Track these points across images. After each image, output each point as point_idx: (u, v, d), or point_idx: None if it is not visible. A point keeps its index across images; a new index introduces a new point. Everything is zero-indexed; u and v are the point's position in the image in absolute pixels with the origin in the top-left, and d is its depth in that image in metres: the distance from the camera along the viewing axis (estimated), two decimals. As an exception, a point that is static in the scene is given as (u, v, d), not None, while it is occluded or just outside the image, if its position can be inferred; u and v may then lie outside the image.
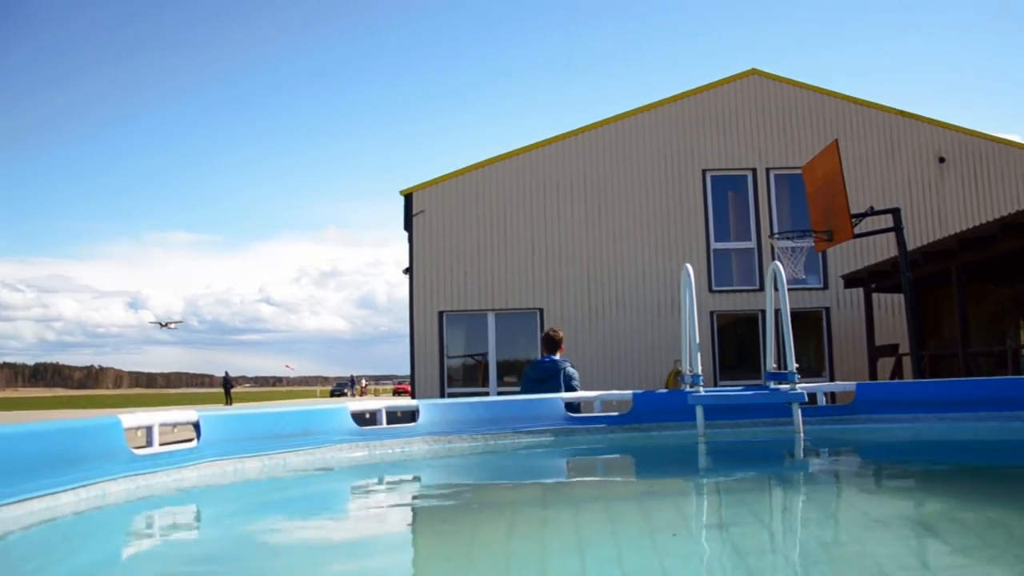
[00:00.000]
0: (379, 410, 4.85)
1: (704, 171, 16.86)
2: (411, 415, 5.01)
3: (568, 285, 16.64)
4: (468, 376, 16.94)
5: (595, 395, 6.01)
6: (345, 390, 79.75)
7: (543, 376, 6.83)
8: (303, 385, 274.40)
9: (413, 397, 16.29)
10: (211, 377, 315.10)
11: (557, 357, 6.97)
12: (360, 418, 4.72)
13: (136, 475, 3.49)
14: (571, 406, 5.85)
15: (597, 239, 16.73)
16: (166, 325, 59.38)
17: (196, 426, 3.93)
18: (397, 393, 72.28)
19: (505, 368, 16.66)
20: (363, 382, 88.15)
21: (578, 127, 17.21)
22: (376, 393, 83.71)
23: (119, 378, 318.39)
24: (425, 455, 4.90)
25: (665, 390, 11.92)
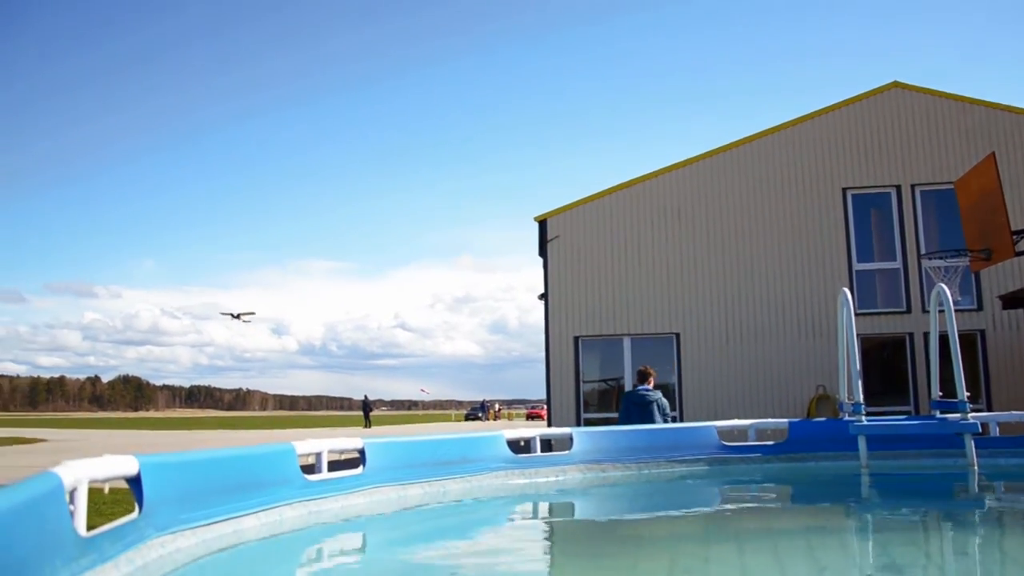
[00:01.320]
0: (533, 438, 4.86)
1: (844, 189, 16.17)
2: (565, 443, 4.99)
3: (705, 309, 16.28)
4: (603, 401, 16.80)
5: (749, 423, 5.82)
6: (479, 414, 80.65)
7: (642, 403, 7.56)
8: (438, 409, 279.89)
9: (549, 422, 16.31)
10: (350, 400, 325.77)
11: (650, 388, 7.79)
12: (515, 446, 4.73)
13: (309, 500, 3.60)
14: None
15: (733, 262, 16.31)
16: (238, 316, 58.72)
17: (361, 453, 4.04)
18: (530, 418, 72.51)
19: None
20: (496, 406, 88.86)
21: (711, 149, 16.91)
22: (509, 417, 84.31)
23: (264, 400, 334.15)
24: (580, 483, 4.86)
25: (822, 418, 11.45)
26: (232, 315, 57.81)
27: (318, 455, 3.85)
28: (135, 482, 2.74)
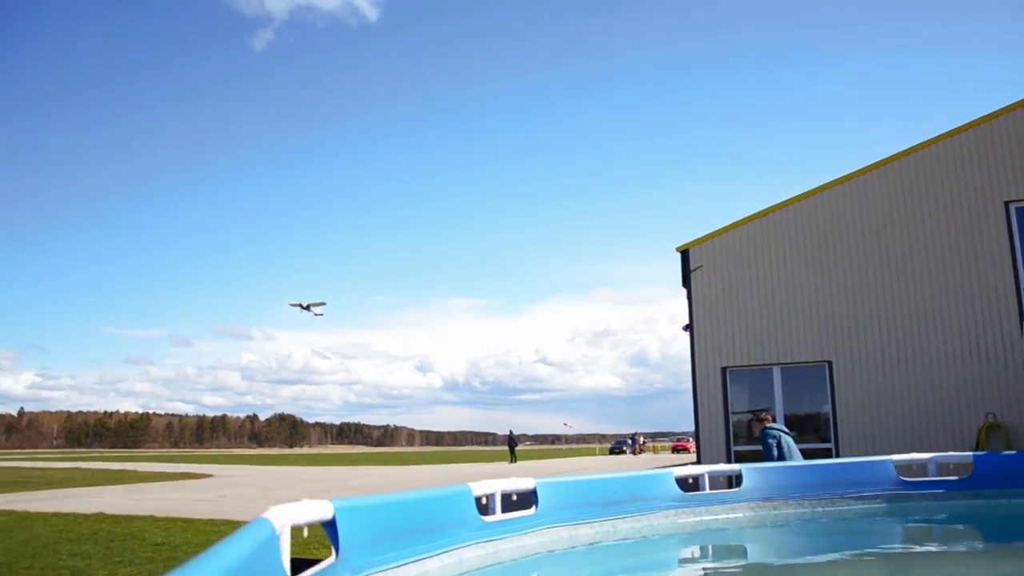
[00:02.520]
0: (702, 475, 4.77)
1: (1007, 203, 15.14)
2: (733, 480, 4.87)
3: (858, 335, 15.53)
4: (753, 434, 16.26)
5: (929, 457, 5.49)
6: (624, 447, 79.69)
7: (779, 437, 7.73)
8: (581, 443, 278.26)
9: (698, 456, 15.93)
10: (493, 435, 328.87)
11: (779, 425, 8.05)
12: (683, 483, 4.66)
13: (486, 541, 3.67)
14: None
15: (886, 285, 15.51)
16: (307, 308, 55.25)
17: (533, 493, 4.08)
18: (676, 450, 71.05)
19: (792, 423, 15.79)
20: (641, 439, 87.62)
21: (857, 169, 16.23)
22: (655, 450, 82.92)
23: (411, 436, 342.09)
24: (751, 522, 4.72)
25: (1002, 451, 10.68)
26: (302, 306, 52.99)
27: (491, 496, 3.92)
28: (330, 526, 2.88)
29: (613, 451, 79.14)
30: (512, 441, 53.94)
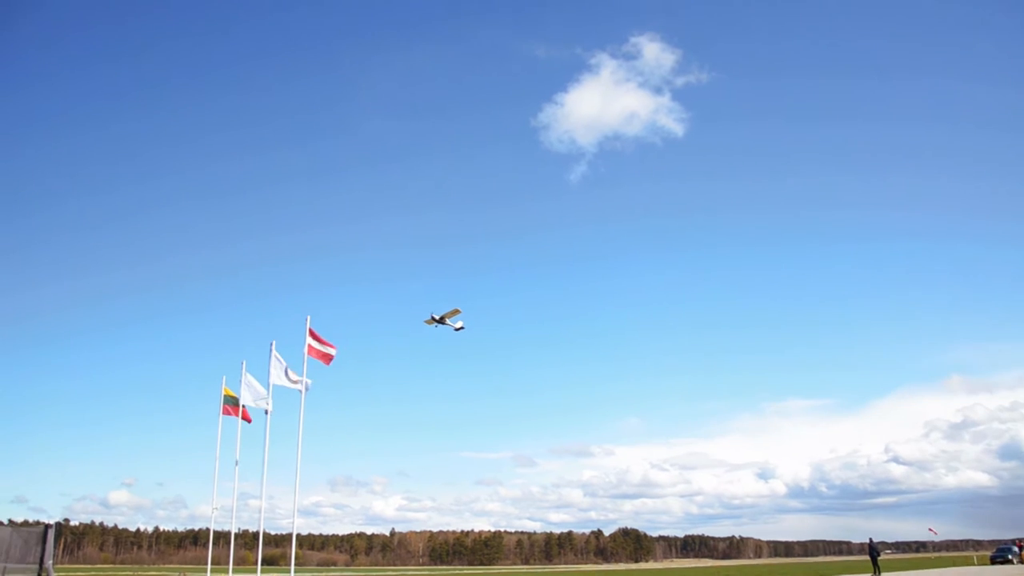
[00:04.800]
0: None
1: None
2: None
3: None
4: None
5: None
6: (1009, 555, 70.09)
7: None
8: (951, 550, 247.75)
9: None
10: (848, 544, 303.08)
11: None
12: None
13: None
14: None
15: None
16: (441, 321, 44.08)
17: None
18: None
19: None
20: (1029, 545, 76.37)
21: None
22: (1046, 558, 71.96)
23: (759, 547, 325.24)
24: None
25: None
26: (435, 319, 45.85)
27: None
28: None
29: (995, 560, 69.80)
30: (874, 551, 50.92)
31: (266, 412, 34.41)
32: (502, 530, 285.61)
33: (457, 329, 45.65)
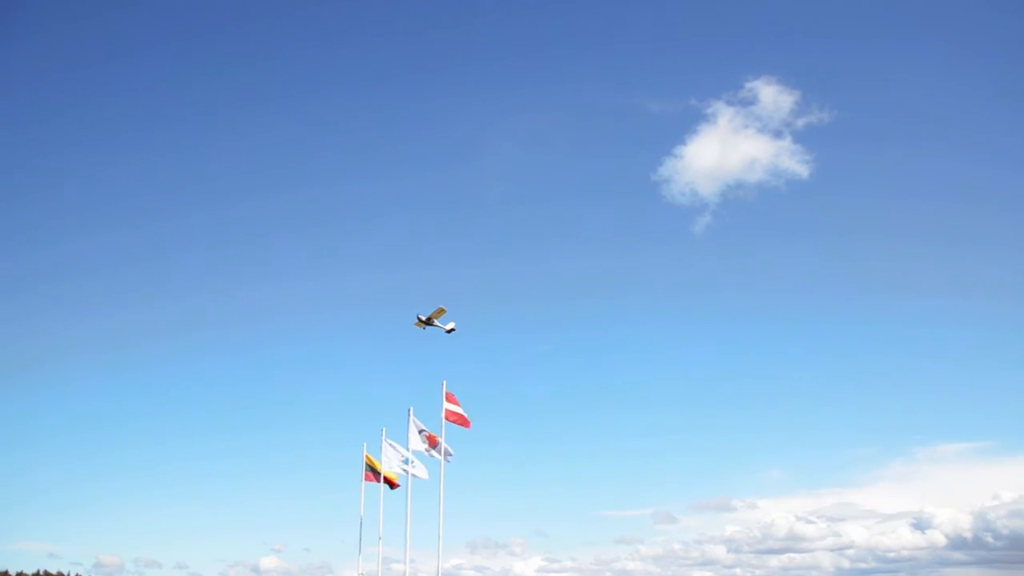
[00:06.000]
0: None
1: None
2: None
3: None
4: None
5: None
6: None
7: None
8: None
9: None
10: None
11: None
12: None
13: None
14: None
15: None
16: (428, 323, 38.55)
17: None
18: None
19: None
20: None
21: None
22: None
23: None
24: None
25: None
26: (420, 320, 43.11)
27: None
28: None
29: None
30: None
31: (407, 475, 34.89)
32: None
33: (448, 331, 43.70)
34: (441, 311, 42.60)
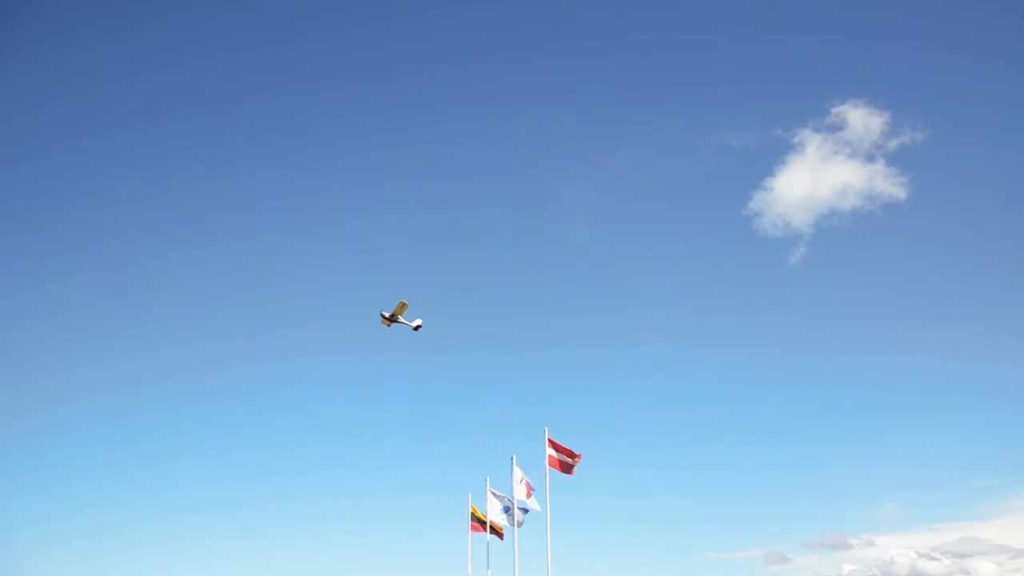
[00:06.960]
0: None
1: None
2: None
3: None
4: None
5: None
6: None
7: None
8: None
9: None
10: None
11: None
12: None
13: None
14: None
15: None
16: (393, 320, 34.18)
17: None
18: None
19: None
20: None
21: None
22: None
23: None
24: None
25: None
26: (384, 318, 40.54)
27: None
28: None
29: None
30: None
31: (514, 525, 34.55)
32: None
33: (415, 328, 41.44)
34: (403, 306, 40.62)
